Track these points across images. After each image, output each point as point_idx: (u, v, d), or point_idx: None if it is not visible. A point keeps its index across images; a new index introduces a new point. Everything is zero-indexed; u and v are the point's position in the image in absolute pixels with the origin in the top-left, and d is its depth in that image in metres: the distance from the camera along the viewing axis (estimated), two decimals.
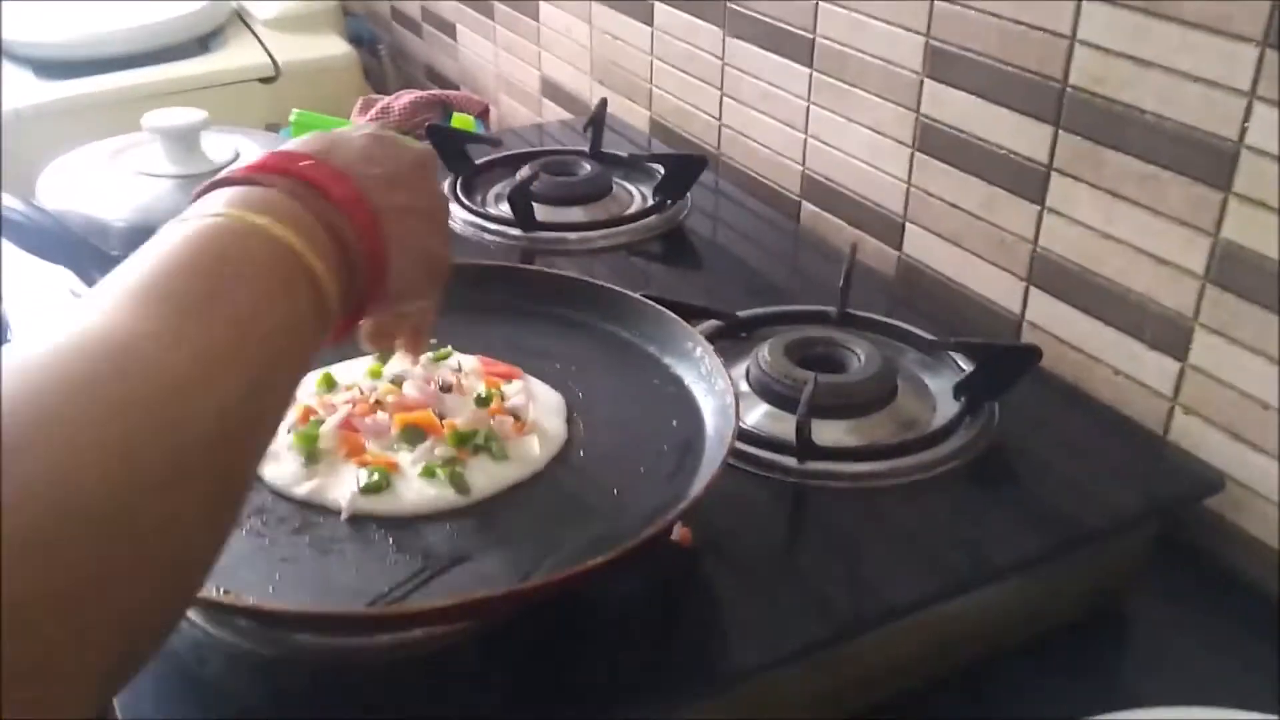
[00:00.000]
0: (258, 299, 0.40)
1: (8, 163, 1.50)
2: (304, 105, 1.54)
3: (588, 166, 1.16)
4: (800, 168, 1.14)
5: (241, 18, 1.84)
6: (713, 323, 0.88)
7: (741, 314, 0.90)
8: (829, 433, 0.77)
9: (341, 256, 0.46)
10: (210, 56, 1.71)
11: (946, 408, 0.81)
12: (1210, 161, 0.75)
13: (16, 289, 0.94)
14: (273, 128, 1.63)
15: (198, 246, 0.41)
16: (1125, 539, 0.76)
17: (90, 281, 0.78)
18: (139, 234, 0.88)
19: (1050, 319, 0.91)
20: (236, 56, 1.71)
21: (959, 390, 0.81)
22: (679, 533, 0.66)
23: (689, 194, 1.14)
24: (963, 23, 0.91)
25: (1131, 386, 0.85)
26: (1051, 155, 0.87)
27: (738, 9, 1.17)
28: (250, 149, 0.96)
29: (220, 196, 0.44)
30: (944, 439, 0.77)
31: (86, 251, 0.77)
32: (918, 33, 0.96)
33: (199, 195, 0.46)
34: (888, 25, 0.99)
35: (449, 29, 1.81)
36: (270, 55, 1.71)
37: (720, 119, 1.25)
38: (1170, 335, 0.81)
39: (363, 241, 0.47)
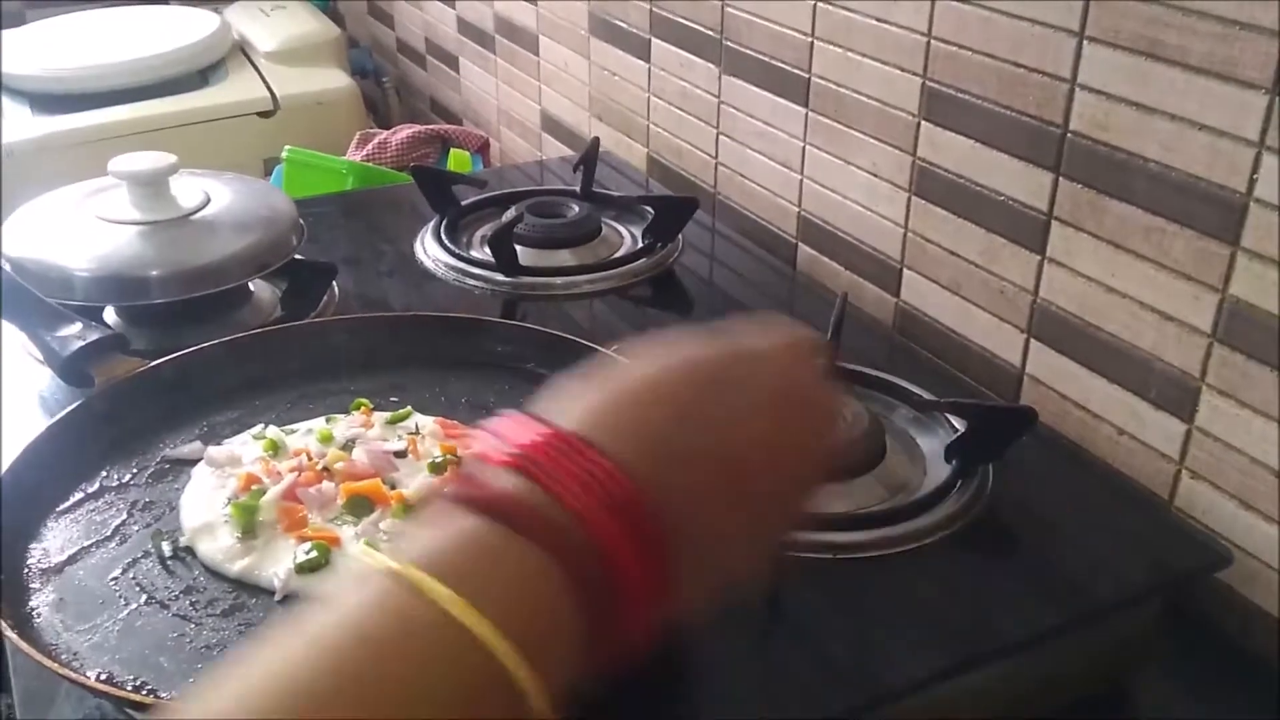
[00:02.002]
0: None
1: (6, 199, 1.48)
2: (304, 139, 1.52)
3: (576, 208, 1.12)
4: (796, 209, 1.10)
5: (243, 50, 1.82)
6: None
7: None
8: None
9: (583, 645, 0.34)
10: (209, 90, 1.69)
11: (938, 470, 0.77)
12: (1217, 214, 0.71)
13: None
14: (271, 163, 1.61)
15: (362, 642, 0.31)
16: (1130, 614, 0.71)
17: (33, 335, 0.75)
18: (100, 284, 0.86)
19: (1051, 373, 0.86)
20: (235, 90, 1.69)
21: (950, 452, 0.76)
22: None
23: (681, 235, 1.10)
24: (960, 64, 0.87)
25: (1136, 448, 0.80)
26: (1052, 203, 0.83)
27: (733, 46, 1.13)
28: (222, 194, 0.93)
29: (441, 549, 0.33)
30: (934, 505, 0.73)
31: (31, 306, 0.74)
32: (914, 74, 0.92)
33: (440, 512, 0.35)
34: (883, 66, 0.95)
35: (452, 62, 1.79)
36: (270, 89, 1.69)
37: (716, 157, 1.21)
38: (1176, 395, 0.76)
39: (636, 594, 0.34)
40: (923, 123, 0.92)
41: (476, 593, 0.32)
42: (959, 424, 0.79)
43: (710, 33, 1.16)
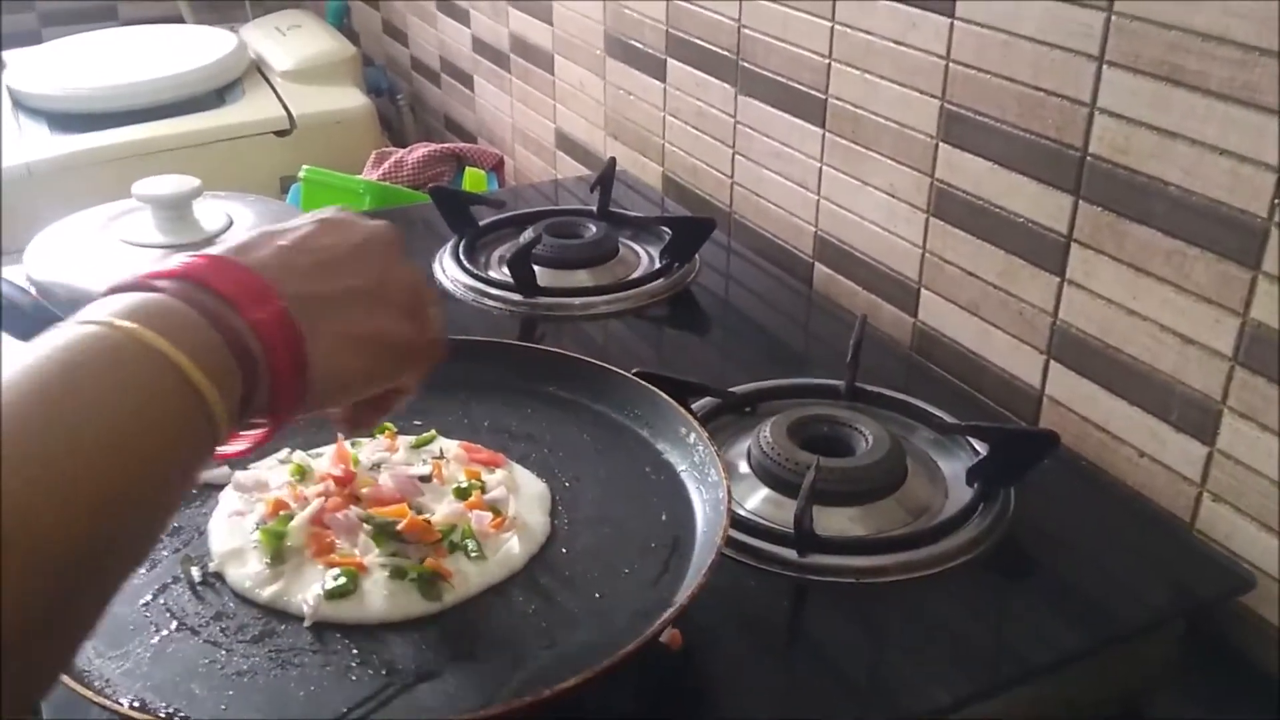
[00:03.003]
0: (118, 414, 0.37)
1: (19, 218, 1.49)
2: (320, 157, 1.53)
3: (594, 228, 1.13)
4: (813, 229, 1.11)
5: (260, 69, 1.83)
6: (710, 399, 0.84)
7: (743, 390, 0.86)
8: (833, 521, 0.73)
9: (239, 362, 0.42)
10: (226, 109, 1.70)
11: (959, 493, 0.77)
12: (1238, 238, 0.71)
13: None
14: (287, 182, 1.62)
15: (63, 360, 0.37)
16: (1151, 638, 0.71)
17: None
18: None
19: (1071, 395, 0.86)
20: (252, 109, 1.70)
21: (972, 476, 0.77)
22: (669, 635, 0.62)
23: (698, 255, 1.11)
24: (979, 87, 0.88)
25: (1157, 470, 0.80)
26: (1072, 226, 0.83)
27: (749, 67, 1.14)
28: (244, 215, 0.94)
29: (109, 303, 0.41)
30: (955, 529, 0.73)
31: None
32: (932, 96, 0.92)
33: (101, 297, 0.43)
34: (901, 88, 0.95)
35: (466, 80, 1.80)
36: (286, 108, 1.70)
37: (732, 177, 1.21)
38: (1197, 418, 0.76)
39: (272, 343, 0.43)
40: (941, 144, 0.93)
41: (157, 327, 0.39)
42: (980, 446, 0.79)
43: (727, 54, 1.16)
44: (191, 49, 1.78)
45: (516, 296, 1.04)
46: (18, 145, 1.60)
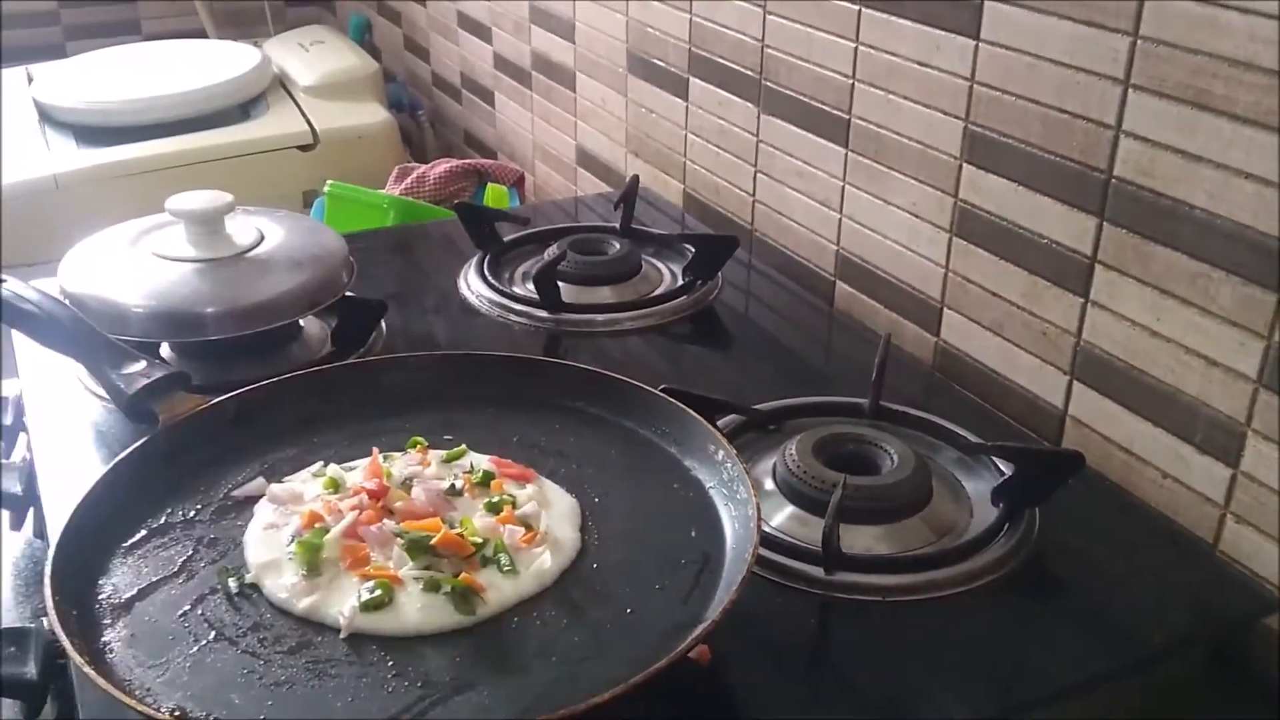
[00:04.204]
0: None
1: (47, 230, 1.51)
2: (342, 172, 1.54)
3: (617, 245, 1.14)
4: (835, 247, 1.11)
5: (283, 84, 1.85)
6: (736, 417, 0.85)
7: (768, 408, 0.86)
8: (859, 539, 0.74)
9: None
10: (250, 124, 1.72)
11: (984, 513, 0.77)
12: (1263, 262, 0.72)
13: (36, 374, 0.93)
14: (310, 195, 1.63)
15: None
16: (1174, 659, 0.71)
17: (99, 373, 0.77)
18: (157, 320, 0.88)
19: (1095, 416, 0.86)
20: (276, 124, 1.72)
21: (997, 495, 0.77)
22: (698, 650, 0.63)
23: (720, 272, 1.12)
24: (1003, 108, 0.89)
25: (1180, 492, 0.80)
26: (1096, 247, 0.83)
27: (772, 86, 1.15)
28: (274, 231, 0.95)
29: None
30: (981, 549, 0.73)
31: (97, 344, 0.76)
32: (956, 117, 0.93)
33: None
34: (925, 108, 0.96)
35: (487, 96, 1.81)
36: (309, 122, 1.71)
37: (754, 195, 1.22)
38: (1221, 440, 0.77)
39: None
40: (965, 165, 0.94)
41: None
42: (1005, 467, 0.79)
43: (750, 73, 1.17)
44: (216, 64, 1.80)
45: (541, 312, 1.05)
46: (45, 158, 1.62)
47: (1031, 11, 0.84)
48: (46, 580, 0.58)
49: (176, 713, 0.53)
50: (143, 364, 0.74)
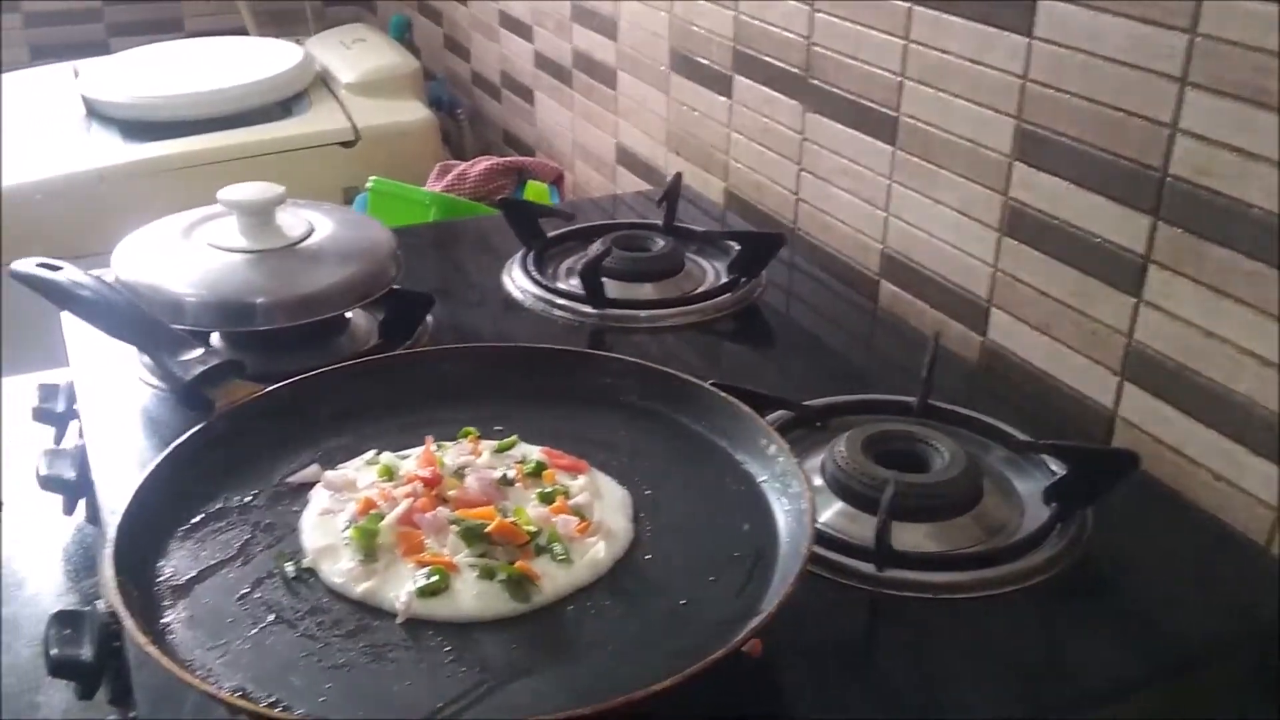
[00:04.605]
0: None
1: (92, 223, 1.53)
2: (382, 170, 1.55)
3: (661, 242, 1.14)
4: (880, 246, 1.11)
5: (325, 82, 1.86)
6: (784, 413, 0.85)
7: (817, 404, 0.86)
8: (909, 536, 0.73)
9: None
10: (292, 120, 1.73)
11: (1035, 512, 0.77)
12: None
13: (87, 362, 0.94)
14: (351, 192, 1.64)
15: None
16: (1228, 665, 0.70)
17: (156, 359, 0.78)
18: (209, 309, 0.89)
19: (1146, 417, 0.86)
20: (318, 121, 1.73)
21: (1049, 495, 0.77)
22: (750, 644, 0.62)
23: (763, 271, 1.11)
24: (1056, 106, 0.88)
25: (1234, 494, 0.80)
26: (1149, 246, 0.83)
27: (819, 84, 1.14)
28: (324, 224, 0.96)
29: None
30: (1033, 548, 0.73)
31: (153, 329, 0.77)
32: (1008, 115, 0.92)
33: None
34: (976, 106, 0.96)
35: (527, 95, 1.82)
36: (351, 120, 1.72)
37: (797, 193, 1.22)
38: (1276, 442, 0.76)
39: None
40: (1015, 163, 0.93)
41: None
42: (1056, 466, 0.79)
43: (796, 71, 1.17)
44: (260, 60, 1.81)
45: (584, 307, 1.05)
46: (91, 152, 1.64)
47: (1087, 9, 0.84)
48: (109, 560, 0.59)
49: (238, 693, 0.54)
50: (200, 351, 0.75)
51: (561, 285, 1.09)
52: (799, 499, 0.66)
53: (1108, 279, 0.87)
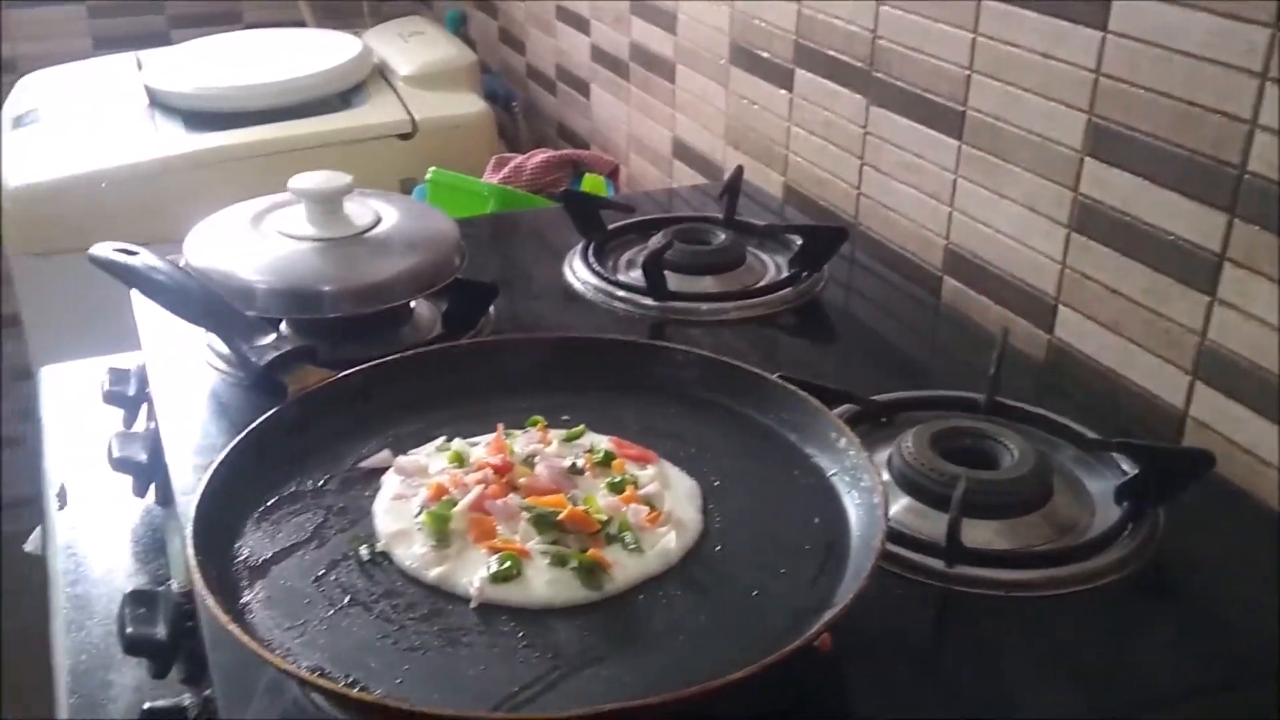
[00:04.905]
0: None
1: (155, 212, 1.55)
2: (439, 162, 1.56)
3: (721, 235, 1.13)
4: (944, 241, 1.10)
5: (383, 74, 1.88)
6: (849, 407, 0.84)
7: (883, 399, 0.86)
8: (978, 533, 0.73)
9: None
10: (352, 112, 1.75)
11: (1106, 512, 0.76)
12: None
13: (157, 347, 0.96)
14: (408, 184, 1.65)
15: None
16: None
17: (231, 344, 0.79)
18: (279, 296, 0.90)
19: (1218, 417, 0.84)
20: (377, 112, 1.74)
21: (1121, 494, 0.76)
22: (820, 638, 0.62)
23: (825, 266, 1.11)
24: (1129, 101, 0.87)
25: None
26: (1225, 244, 0.81)
27: (882, 78, 1.14)
28: (390, 214, 0.97)
29: None
30: (1105, 547, 0.72)
31: (228, 314, 0.78)
32: (1079, 110, 0.91)
33: None
34: (1046, 100, 0.94)
35: (583, 88, 1.82)
36: (409, 111, 1.74)
37: (859, 188, 1.21)
38: None
39: None
40: (1086, 159, 0.92)
41: None
42: (1127, 465, 0.78)
43: (859, 64, 1.16)
44: (319, 52, 1.83)
45: (645, 300, 1.05)
46: (155, 142, 1.66)
47: (1163, 3, 0.83)
48: (189, 539, 0.60)
49: (316, 672, 0.54)
50: (273, 337, 0.76)
51: (622, 277, 1.09)
52: (870, 493, 0.65)
53: (1181, 277, 0.85)
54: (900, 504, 0.76)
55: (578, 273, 1.10)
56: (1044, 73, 0.94)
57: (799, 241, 1.11)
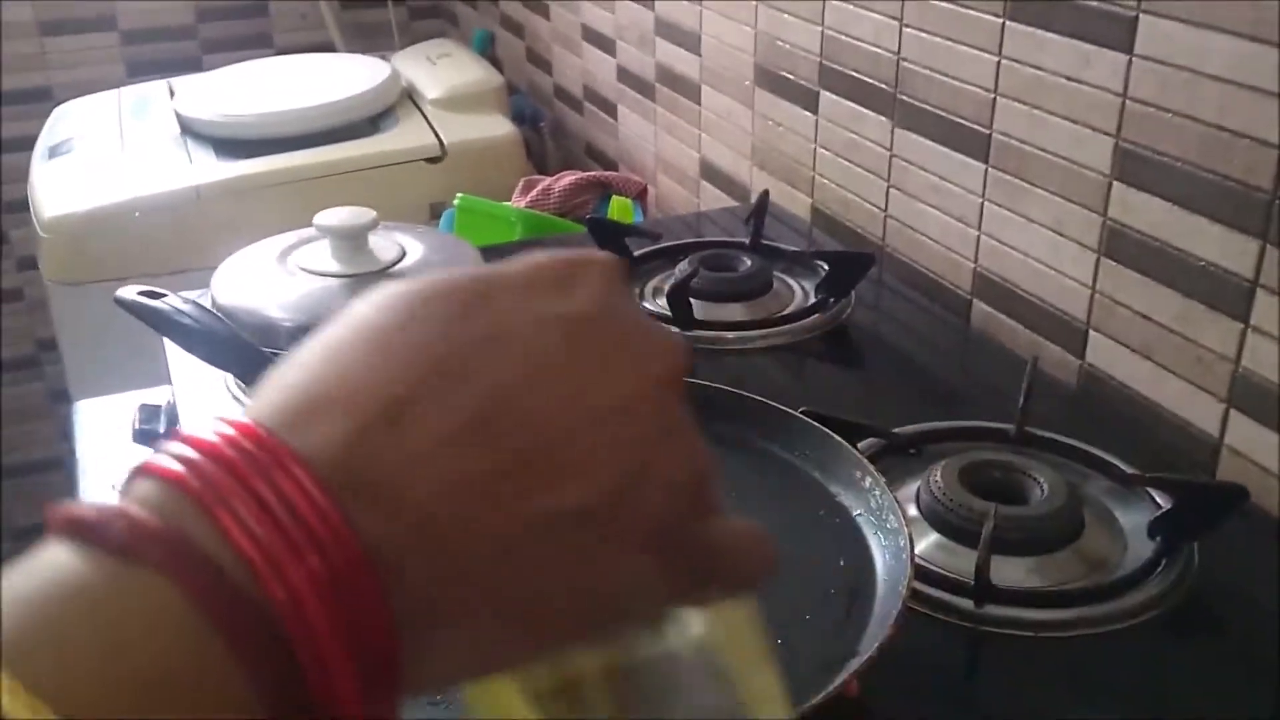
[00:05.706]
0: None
1: (188, 239, 1.57)
2: (468, 184, 1.57)
3: (748, 261, 1.13)
4: (972, 265, 1.09)
5: (411, 97, 1.89)
6: (876, 440, 0.83)
7: (909, 431, 0.85)
8: (1008, 571, 0.72)
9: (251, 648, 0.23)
10: (381, 137, 1.76)
11: (1139, 547, 0.75)
12: None
13: (187, 383, 0.97)
14: (438, 208, 1.66)
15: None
16: None
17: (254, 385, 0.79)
18: (303, 334, 0.90)
19: (1253, 446, 0.83)
20: (406, 137, 1.75)
21: (1154, 529, 0.74)
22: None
23: (853, 290, 1.10)
24: (1158, 125, 0.86)
25: None
26: (1258, 270, 0.80)
27: (908, 100, 1.13)
28: (415, 248, 0.97)
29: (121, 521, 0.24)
30: (1138, 584, 0.71)
31: (253, 358, 0.78)
32: (1106, 134, 0.90)
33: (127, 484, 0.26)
34: (1073, 124, 0.93)
35: (610, 108, 1.82)
36: (437, 135, 1.74)
37: (885, 210, 1.20)
38: None
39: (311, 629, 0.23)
40: (1114, 183, 0.91)
41: (51, 674, 0.21)
42: (1160, 498, 0.77)
43: (884, 86, 1.16)
44: (348, 77, 1.84)
45: (672, 329, 1.04)
46: (188, 170, 1.68)
47: (1190, 26, 0.81)
48: None
49: None
50: None
51: (649, 305, 1.09)
52: (897, 535, 0.65)
53: (1213, 303, 0.84)
54: (928, 540, 0.75)
55: None
56: (1070, 96, 0.93)
57: (826, 267, 1.11)
